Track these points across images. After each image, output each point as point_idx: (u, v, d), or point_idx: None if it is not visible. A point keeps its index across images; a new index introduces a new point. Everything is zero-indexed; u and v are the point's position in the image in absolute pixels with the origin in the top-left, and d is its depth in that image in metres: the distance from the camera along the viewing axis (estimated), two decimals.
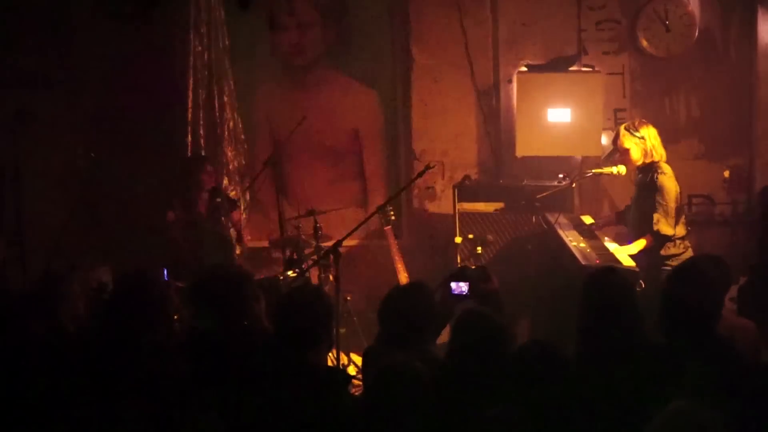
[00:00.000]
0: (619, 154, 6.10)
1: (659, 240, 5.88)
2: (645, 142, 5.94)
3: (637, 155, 5.98)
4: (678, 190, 5.94)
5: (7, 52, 7.37)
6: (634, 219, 6.11)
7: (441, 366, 3.51)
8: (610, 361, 3.58)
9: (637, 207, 6.11)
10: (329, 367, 4.59)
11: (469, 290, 4.24)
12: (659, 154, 5.98)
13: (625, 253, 5.84)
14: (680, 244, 5.96)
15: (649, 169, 5.98)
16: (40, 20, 7.34)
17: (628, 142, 5.98)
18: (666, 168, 5.96)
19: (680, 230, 5.97)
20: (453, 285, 4.26)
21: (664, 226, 5.86)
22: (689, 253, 5.87)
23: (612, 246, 5.94)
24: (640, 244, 5.92)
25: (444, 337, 3.94)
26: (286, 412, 3.48)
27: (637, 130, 5.96)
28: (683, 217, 6.04)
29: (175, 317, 5.66)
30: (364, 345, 4.82)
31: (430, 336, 3.93)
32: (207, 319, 4.06)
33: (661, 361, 3.47)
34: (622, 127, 6.07)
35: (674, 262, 5.67)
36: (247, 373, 3.65)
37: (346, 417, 3.28)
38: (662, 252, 5.89)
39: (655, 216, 5.85)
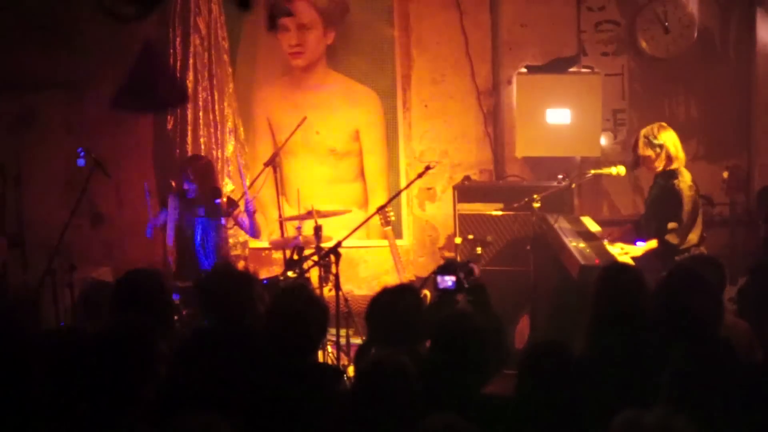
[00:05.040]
0: (640, 161, 6.09)
1: (666, 247, 5.88)
2: (664, 150, 5.93)
3: (657, 163, 5.98)
4: (695, 195, 5.93)
5: (9, 53, 7.38)
6: (651, 225, 6.09)
7: (425, 364, 3.52)
8: (621, 358, 3.60)
9: (653, 213, 6.09)
10: (321, 363, 4.60)
11: (455, 284, 4.23)
12: (680, 159, 5.97)
13: (628, 254, 5.87)
14: (695, 251, 5.95)
15: (669, 175, 5.96)
16: (42, 21, 7.34)
17: (648, 150, 5.97)
18: (685, 175, 5.94)
19: (694, 235, 5.96)
20: (439, 279, 4.26)
21: (672, 236, 5.86)
22: None
23: (616, 248, 5.96)
24: (646, 247, 5.94)
25: None
26: (282, 408, 3.50)
27: (656, 138, 5.93)
28: (701, 222, 6.03)
29: (175, 318, 5.70)
30: None
31: (419, 337, 3.94)
32: (211, 319, 4.07)
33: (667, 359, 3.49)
34: (641, 134, 6.03)
35: None
36: (249, 372, 3.67)
37: (339, 411, 3.29)
38: (676, 258, 5.89)
39: (670, 225, 5.85)
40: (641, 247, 5.96)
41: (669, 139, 5.95)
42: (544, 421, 3.23)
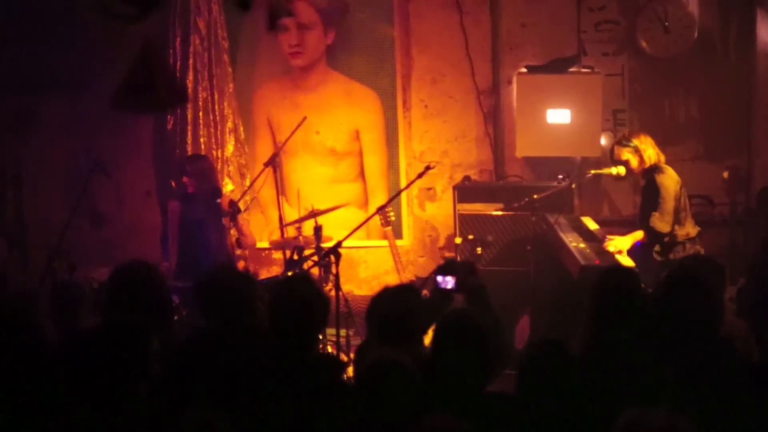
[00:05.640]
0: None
1: (651, 236, 5.98)
2: (639, 151, 6.11)
3: (635, 163, 6.17)
4: (678, 189, 6.05)
5: (9, 53, 7.38)
6: (642, 220, 6.18)
7: (426, 364, 3.53)
8: (618, 358, 3.61)
9: (642, 209, 6.22)
10: (325, 354, 4.60)
11: (455, 284, 4.23)
12: (656, 156, 6.17)
13: (618, 246, 5.89)
14: (690, 247, 6.01)
15: (651, 170, 6.17)
16: (42, 21, 7.34)
17: (625, 154, 6.16)
18: (668, 170, 6.16)
19: (684, 230, 6.03)
20: (439, 278, 4.27)
21: (658, 222, 5.99)
22: None
23: (610, 246, 5.97)
24: (633, 237, 6.01)
25: None
26: (284, 399, 3.50)
27: (629, 141, 6.14)
28: (690, 217, 6.11)
29: (175, 318, 5.70)
30: None
31: (419, 337, 3.94)
32: (211, 319, 4.07)
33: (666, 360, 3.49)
34: (614, 143, 6.30)
35: None
36: (250, 371, 3.67)
37: (342, 402, 3.30)
38: (671, 256, 5.97)
39: (654, 213, 5.97)
40: (629, 237, 6.02)
41: (641, 141, 6.17)
42: (545, 421, 3.23)
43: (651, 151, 6.15)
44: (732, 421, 3.10)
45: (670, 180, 6.07)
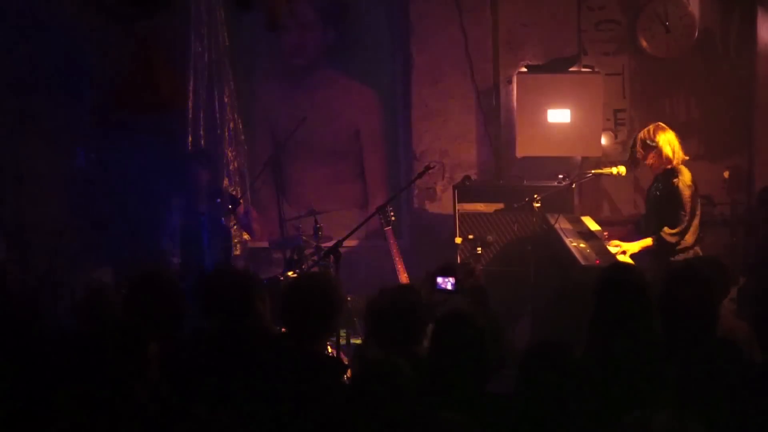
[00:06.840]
0: (639, 162, 6.09)
1: (660, 244, 5.89)
2: (661, 151, 5.90)
3: (655, 163, 5.96)
4: (695, 195, 5.90)
5: (8, 54, 7.37)
6: (650, 224, 6.07)
7: (423, 365, 3.53)
8: (623, 359, 3.60)
9: (654, 212, 6.07)
10: (329, 355, 4.61)
11: (454, 286, 4.24)
12: (678, 158, 5.93)
13: (626, 252, 5.87)
14: (690, 251, 5.94)
15: (669, 174, 5.94)
16: (41, 22, 7.34)
17: (646, 152, 5.94)
18: (685, 174, 5.91)
19: (693, 237, 5.95)
20: (439, 280, 4.28)
21: (670, 237, 5.85)
22: None
23: (613, 246, 5.96)
24: (642, 243, 5.97)
25: None
26: (288, 399, 3.50)
27: (653, 140, 5.92)
28: (697, 225, 5.99)
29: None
30: None
31: (417, 338, 3.94)
32: (213, 318, 4.07)
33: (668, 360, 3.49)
34: (638, 137, 6.03)
35: None
36: (252, 370, 3.67)
37: (342, 404, 3.30)
38: (672, 259, 5.91)
39: (667, 229, 5.83)
40: (637, 243, 5.97)
41: (666, 139, 5.94)
42: (545, 422, 3.22)
43: (672, 151, 5.90)
44: (735, 424, 3.10)
45: (689, 190, 5.88)
